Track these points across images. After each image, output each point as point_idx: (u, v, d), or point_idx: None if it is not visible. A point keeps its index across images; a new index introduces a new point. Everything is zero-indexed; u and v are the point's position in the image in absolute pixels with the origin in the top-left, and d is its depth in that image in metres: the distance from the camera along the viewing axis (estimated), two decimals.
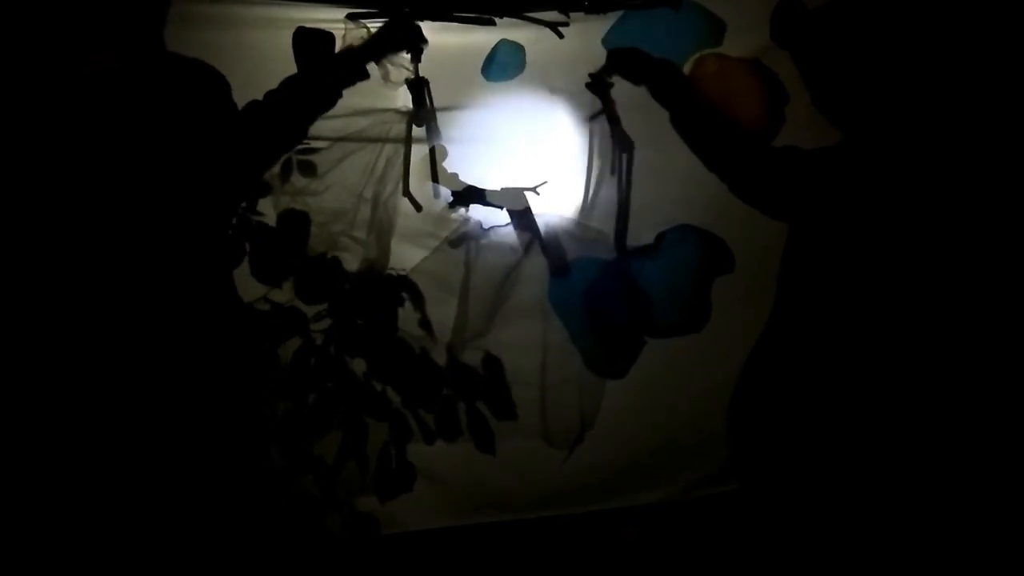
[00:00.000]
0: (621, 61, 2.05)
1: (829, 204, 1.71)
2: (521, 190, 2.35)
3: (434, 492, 2.50)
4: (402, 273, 2.35)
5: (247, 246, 2.23)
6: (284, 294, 2.29)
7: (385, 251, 2.32)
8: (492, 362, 2.39)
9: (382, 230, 2.31)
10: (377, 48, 1.94)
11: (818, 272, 1.73)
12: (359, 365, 2.33)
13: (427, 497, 2.48)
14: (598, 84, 2.21)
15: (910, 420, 1.65)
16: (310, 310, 2.30)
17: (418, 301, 2.35)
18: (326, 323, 2.31)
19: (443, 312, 2.39)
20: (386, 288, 2.33)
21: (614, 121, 2.27)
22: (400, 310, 2.34)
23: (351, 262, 2.32)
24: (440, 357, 2.38)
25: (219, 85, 1.73)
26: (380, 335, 2.32)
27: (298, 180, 2.27)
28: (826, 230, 1.72)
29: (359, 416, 2.32)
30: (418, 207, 2.29)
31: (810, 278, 1.75)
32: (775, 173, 1.80)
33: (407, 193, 2.28)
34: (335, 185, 2.29)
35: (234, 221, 2.19)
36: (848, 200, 1.69)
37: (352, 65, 1.87)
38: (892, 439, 1.66)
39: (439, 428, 2.36)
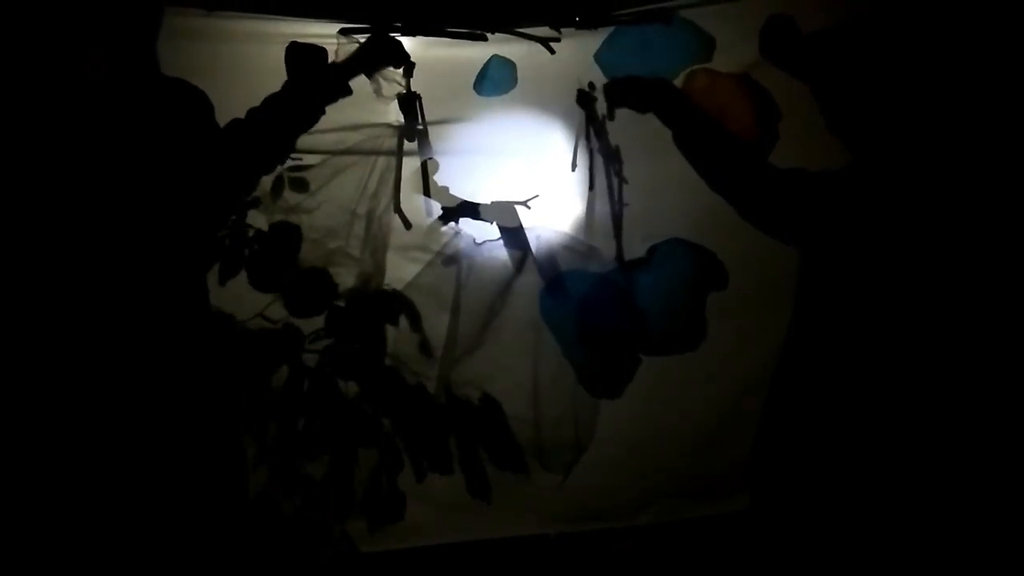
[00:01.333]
0: (621, 92, 2.02)
1: (842, 229, 1.69)
2: (512, 204, 2.36)
3: (427, 511, 2.47)
4: (396, 289, 2.34)
5: (246, 252, 2.21)
6: (280, 311, 2.27)
7: (380, 267, 2.31)
8: (489, 402, 2.38)
9: (377, 246, 2.31)
10: (359, 65, 1.91)
11: (834, 298, 1.71)
12: (352, 392, 2.31)
13: (420, 515, 2.46)
14: (585, 98, 2.23)
15: (931, 441, 1.64)
16: (306, 328, 2.28)
17: (415, 320, 2.34)
18: (321, 344, 2.28)
19: (435, 327, 2.37)
20: (382, 305, 2.32)
21: (602, 135, 2.29)
22: (395, 331, 2.33)
23: (346, 278, 2.31)
24: (434, 386, 2.37)
25: (202, 105, 1.70)
26: (374, 358, 2.30)
27: (291, 196, 2.26)
28: (841, 256, 1.69)
29: (349, 444, 2.29)
30: (407, 224, 2.29)
31: (826, 304, 1.72)
32: (783, 196, 1.78)
33: (398, 210, 2.28)
34: (328, 202, 2.28)
35: (226, 237, 2.19)
36: (863, 225, 1.67)
37: (334, 82, 1.85)
38: (915, 462, 1.65)
39: (431, 463, 2.34)
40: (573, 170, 2.32)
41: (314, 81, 1.81)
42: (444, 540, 2.52)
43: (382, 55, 1.97)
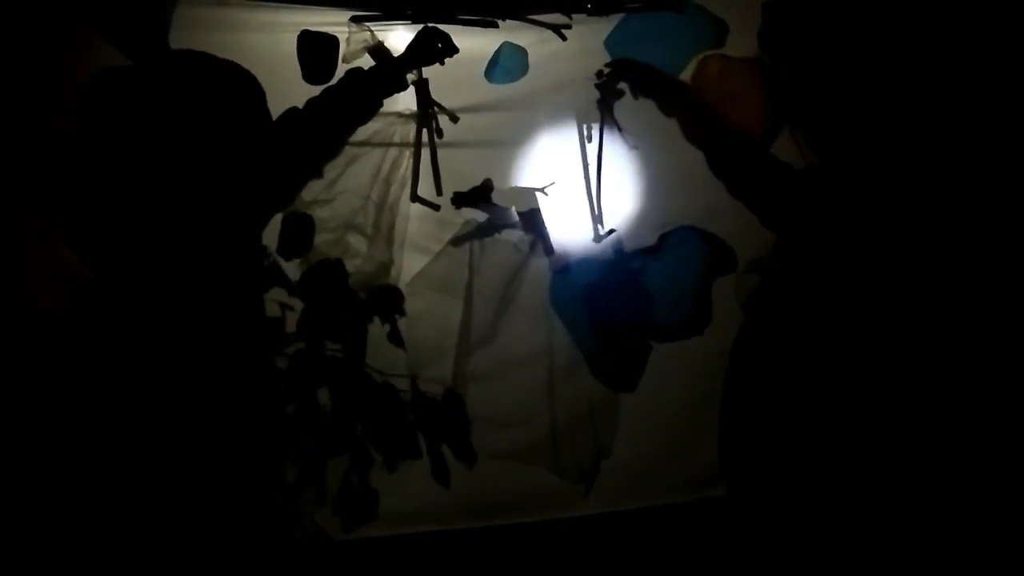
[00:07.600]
0: (625, 71, 2.07)
1: (815, 221, 1.74)
2: (527, 190, 2.36)
3: (431, 497, 2.49)
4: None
5: None
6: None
7: (389, 254, 2.32)
8: (452, 396, 2.38)
9: (388, 233, 2.31)
10: (415, 58, 1.93)
11: (803, 285, 1.75)
12: (323, 394, 2.31)
13: (425, 500, 2.48)
14: (606, 84, 2.22)
15: (890, 422, 1.67)
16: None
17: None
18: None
19: (448, 316, 2.38)
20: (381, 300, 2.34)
21: (615, 123, 2.28)
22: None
23: (360, 267, 2.32)
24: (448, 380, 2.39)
25: (253, 90, 1.75)
26: (350, 362, 2.31)
27: (306, 192, 2.24)
28: (810, 247, 1.75)
29: (319, 446, 2.30)
30: (435, 207, 2.29)
31: (793, 286, 1.77)
32: (771, 182, 1.84)
33: (415, 198, 2.28)
34: (345, 191, 2.29)
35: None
36: (831, 217, 1.72)
37: (392, 75, 1.88)
38: (870, 440, 1.68)
39: (401, 452, 2.36)
40: (592, 158, 2.32)
41: (370, 75, 1.85)
42: (447, 527, 2.53)
43: (436, 47, 1.96)
